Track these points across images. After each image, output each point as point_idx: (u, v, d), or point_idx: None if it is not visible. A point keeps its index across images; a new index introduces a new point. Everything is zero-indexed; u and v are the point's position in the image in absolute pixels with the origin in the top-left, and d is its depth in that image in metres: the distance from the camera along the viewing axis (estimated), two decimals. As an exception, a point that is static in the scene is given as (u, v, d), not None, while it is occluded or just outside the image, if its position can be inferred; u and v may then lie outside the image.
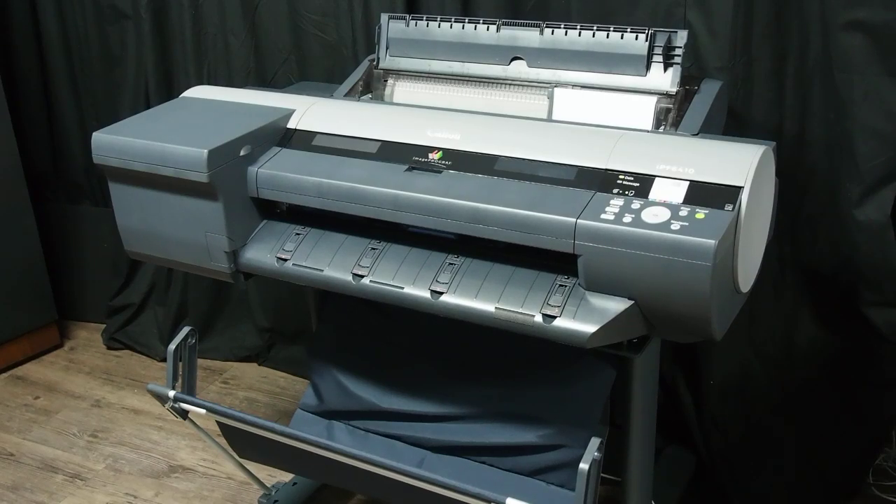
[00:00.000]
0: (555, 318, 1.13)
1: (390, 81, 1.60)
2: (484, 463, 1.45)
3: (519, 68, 1.48)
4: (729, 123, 1.51)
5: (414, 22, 1.55)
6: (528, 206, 1.16)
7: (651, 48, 1.36)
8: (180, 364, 1.46)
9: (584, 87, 1.42)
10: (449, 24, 1.52)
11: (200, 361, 2.18)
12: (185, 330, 1.46)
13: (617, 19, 1.62)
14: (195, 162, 1.29)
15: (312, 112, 1.44)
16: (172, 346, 1.45)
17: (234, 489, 1.88)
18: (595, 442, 1.14)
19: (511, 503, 1.14)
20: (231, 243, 1.36)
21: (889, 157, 1.43)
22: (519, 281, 1.19)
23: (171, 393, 1.42)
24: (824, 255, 1.58)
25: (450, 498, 1.20)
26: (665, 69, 1.37)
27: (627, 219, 1.09)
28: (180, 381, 1.47)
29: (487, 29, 1.49)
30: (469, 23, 1.50)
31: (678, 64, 1.36)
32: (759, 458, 1.76)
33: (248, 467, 1.64)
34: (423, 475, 1.20)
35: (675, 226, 1.06)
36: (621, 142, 1.22)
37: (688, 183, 1.12)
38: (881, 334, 1.53)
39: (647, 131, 1.33)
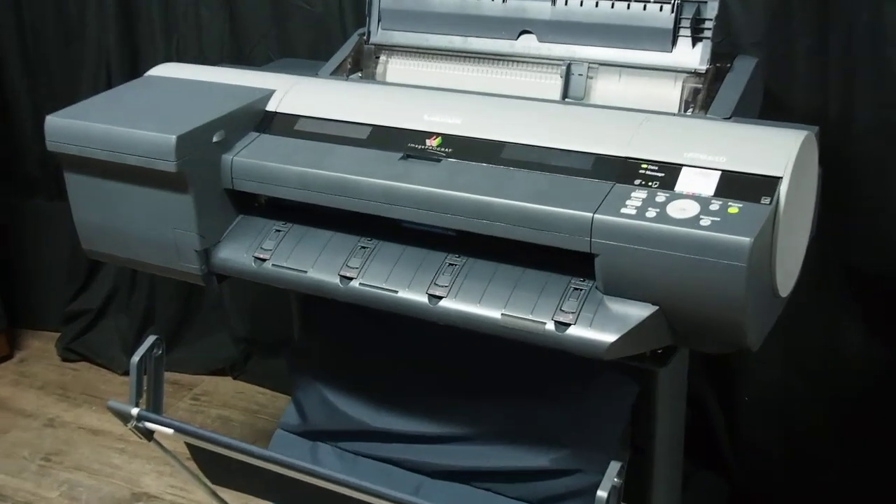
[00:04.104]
0: (569, 325, 1.13)
1: (383, 58, 1.60)
2: (489, 490, 1.45)
3: (528, 43, 1.48)
4: (766, 106, 1.51)
5: (410, -9, 1.55)
6: (538, 199, 1.16)
7: (677, 21, 1.36)
8: (145, 378, 1.46)
9: (601, 64, 1.42)
10: (449, -7, 1.52)
11: (168, 375, 2.18)
12: (151, 339, 1.46)
13: (639, -12, 1.62)
14: (162, 149, 1.29)
15: (295, 93, 1.44)
16: (136, 358, 1.45)
17: (207, 520, 1.88)
18: (614, 466, 1.14)
19: (519, 535, 1.14)
20: (203, 241, 1.36)
21: (947, 144, 1.43)
22: (528, 284, 1.19)
23: (135, 410, 1.42)
24: (873, 254, 1.58)
25: (450, 529, 1.20)
26: (693, 44, 1.37)
27: (651, 213, 1.09)
28: (145, 397, 1.47)
29: (493, -1, 1.49)
30: (472, -8, 1.50)
31: (708, 38, 1.35)
32: (801, 484, 1.76)
33: (221, 495, 1.64)
34: (420, 504, 1.20)
35: (706, 221, 1.06)
36: (644, 126, 1.22)
37: (719, 173, 1.12)
38: (938, 344, 1.53)
39: (673, 115, 1.33)
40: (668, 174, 1.14)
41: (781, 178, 1.10)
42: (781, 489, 1.76)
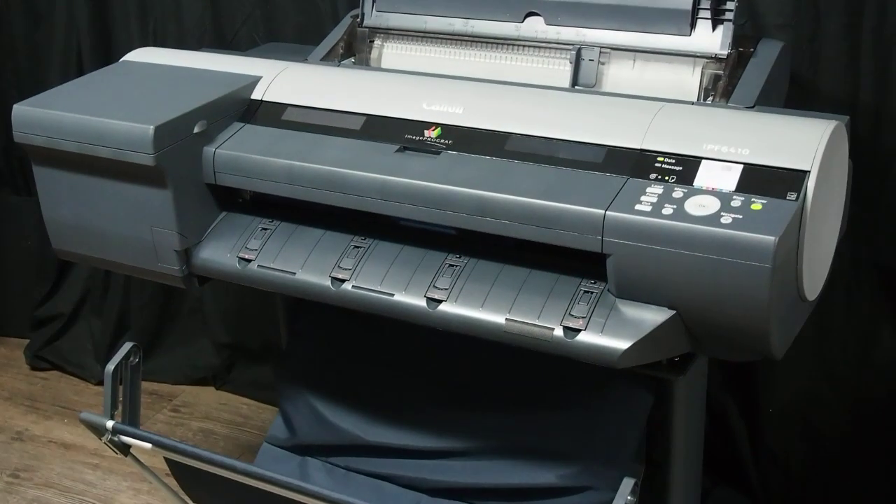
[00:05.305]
0: (579, 331, 1.13)
1: (377, 42, 1.60)
2: (491, 509, 1.45)
3: (535, 26, 1.48)
4: (792, 94, 1.51)
5: (406, -31, 1.55)
6: (545, 194, 1.16)
7: (697, 1, 1.36)
8: (121, 388, 1.47)
9: (614, 48, 1.42)
10: (449, -29, 1.52)
11: (145, 385, 2.18)
12: (127, 346, 1.47)
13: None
14: (139, 141, 1.29)
15: (282, 80, 1.44)
16: (111, 366, 1.45)
17: (187, 541, 1.89)
18: (628, 483, 1.15)
19: (525, 558, 1.15)
20: (183, 240, 1.36)
21: None
22: (534, 286, 1.19)
23: (110, 423, 1.43)
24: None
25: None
26: (714, 27, 1.37)
27: (668, 210, 1.09)
28: (121, 408, 1.47)
29: (496, -22, 1.49)
30: (474, -30, 1.50)
31: (730, 21, 1.35)
32: (829, 501, 1.76)
33: (203, 514, 1.64)
34: (417, 524, 1.21)
35: (727, 219, 1.07)
36: (660, 116, 1.22)
37: (741, 167, 1.12)
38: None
39: (692, 103, 1.33)
40: (686, 168, 1.14)
41: (809, 171, 1.10)
42: (807, 506, 1.77)
